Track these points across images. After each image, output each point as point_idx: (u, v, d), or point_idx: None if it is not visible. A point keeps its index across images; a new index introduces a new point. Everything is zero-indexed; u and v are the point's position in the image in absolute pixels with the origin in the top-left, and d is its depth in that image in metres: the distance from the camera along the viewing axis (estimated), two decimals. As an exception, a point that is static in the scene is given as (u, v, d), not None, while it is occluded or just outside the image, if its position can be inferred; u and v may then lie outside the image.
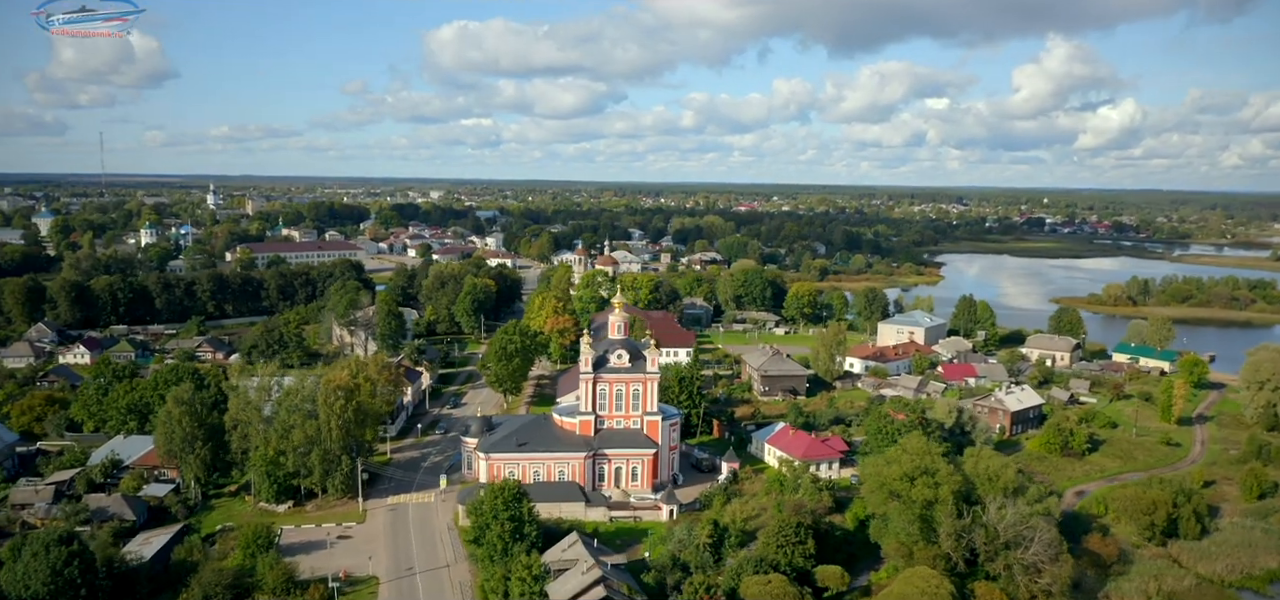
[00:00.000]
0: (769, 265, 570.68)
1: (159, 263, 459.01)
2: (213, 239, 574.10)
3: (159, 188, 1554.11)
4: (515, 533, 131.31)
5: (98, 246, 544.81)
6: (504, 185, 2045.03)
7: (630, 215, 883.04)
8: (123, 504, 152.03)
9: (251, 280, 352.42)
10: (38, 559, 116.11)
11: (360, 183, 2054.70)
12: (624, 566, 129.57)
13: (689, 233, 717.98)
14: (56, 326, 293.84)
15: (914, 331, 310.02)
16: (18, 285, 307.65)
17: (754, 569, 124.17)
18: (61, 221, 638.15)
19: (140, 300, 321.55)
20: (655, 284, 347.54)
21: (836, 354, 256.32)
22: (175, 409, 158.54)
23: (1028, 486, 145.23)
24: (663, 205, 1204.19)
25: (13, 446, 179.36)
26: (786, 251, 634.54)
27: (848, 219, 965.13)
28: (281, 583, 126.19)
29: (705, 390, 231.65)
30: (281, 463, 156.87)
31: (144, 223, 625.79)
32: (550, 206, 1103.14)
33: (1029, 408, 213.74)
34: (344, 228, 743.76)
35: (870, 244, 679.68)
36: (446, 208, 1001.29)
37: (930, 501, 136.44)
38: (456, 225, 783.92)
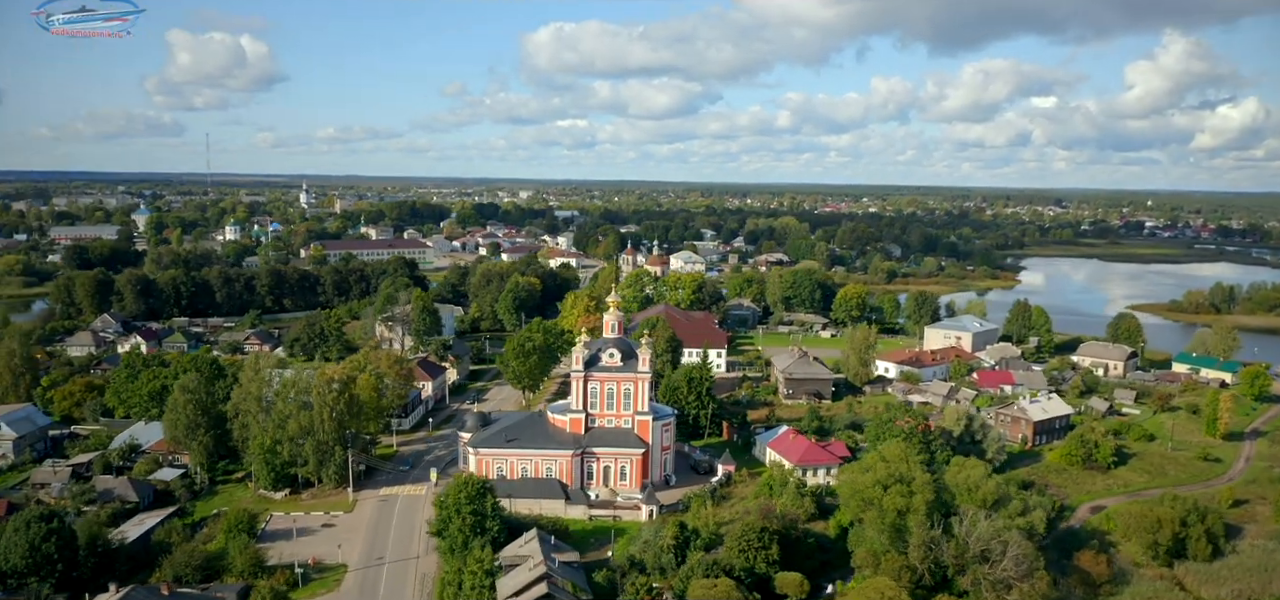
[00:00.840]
0: (837, 267, 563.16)
1: (236, 258, 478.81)
2: (293, 236, 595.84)
3: (262, 187, 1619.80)
4: (476, 527, 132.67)
5: (186, 242, 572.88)
6: (598, 186, 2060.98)
7: (707, 216, 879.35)
8: (128, 487, 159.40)
9: (308, 276, 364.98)
10: (18, 535, 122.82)
11: (457, 183, 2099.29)
12: (579, 565, 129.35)
13: (761, 234, 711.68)
14: (121, 318, 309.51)
15: (961, 337, 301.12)
16: (88, 278, 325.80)
17: (705, 572, 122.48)
18: (156, 219, 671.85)
19: (202, 294, 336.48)
20: (698, 284, 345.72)
21: (866, 358, 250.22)
22: (180, 397, 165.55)
23: (1011, 499, 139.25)
24: (746, 206, 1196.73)
25: (45, 430, 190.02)
26: (858, 253, 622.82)
27: (930, 221, 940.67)
28: (249, 566, 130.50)
29: (723, 392, 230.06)
30: (278, 452, 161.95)
31: (230, 220, 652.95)
32: (633, 207, 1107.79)
33: (1055, 417, 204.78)
34: (423, 226, 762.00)
35: (946, 247, 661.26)
36: (528, 208, 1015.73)
37: (903, 510, 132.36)
38: (532, 225, 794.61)
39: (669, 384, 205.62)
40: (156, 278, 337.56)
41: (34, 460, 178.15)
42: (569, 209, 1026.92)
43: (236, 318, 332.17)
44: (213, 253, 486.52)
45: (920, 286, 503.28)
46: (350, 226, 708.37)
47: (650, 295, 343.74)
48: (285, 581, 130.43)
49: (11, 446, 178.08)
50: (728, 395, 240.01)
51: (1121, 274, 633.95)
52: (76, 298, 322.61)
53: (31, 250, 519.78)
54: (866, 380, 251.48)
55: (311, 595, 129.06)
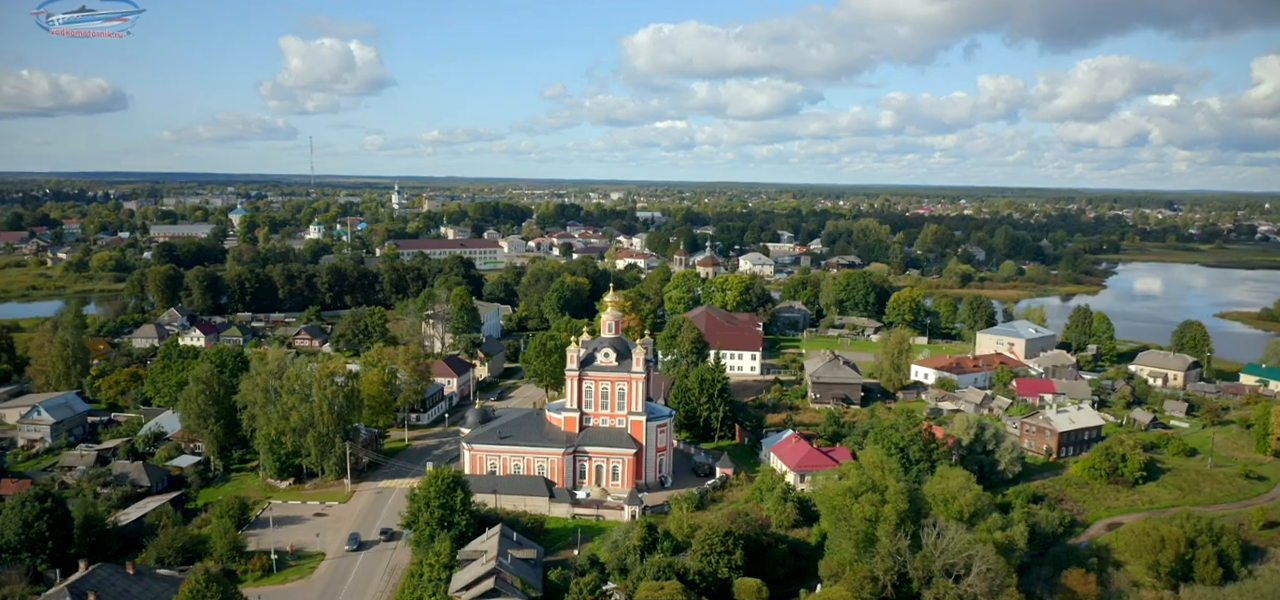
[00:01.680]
0: (911, 270, 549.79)
1: (313, 256, 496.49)
2: (372, 236, 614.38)
3: (362, 188, 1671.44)
4: (443, 521, 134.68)
5: (273, 240, 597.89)
6: (697, 188, 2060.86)
7: (788, 218, 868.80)
8: (142, 471, 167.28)
9: (367, 274, 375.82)
10: (13, 512, 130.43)
11: (555, 184, 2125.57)
12: (536, 562, 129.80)
13: (839, 236, 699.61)
14: (188, 312, 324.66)
15: (1014, 343, 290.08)
16: (159, 273, 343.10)
17: (657, 574, 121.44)
18: (249, 218, 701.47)
19: (265, 290, 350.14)
20: (746, 286, 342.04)
21: (899, 363, 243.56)
22: (193, 387, 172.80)
23: (990, 512, 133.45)
24: (834, 208, 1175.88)
25: (84, 415, 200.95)
26: (937, 257, 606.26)
27: (1023, 224, 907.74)
28: (227, 551, 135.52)
29: (749, 394, 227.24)
30: (282, 442, 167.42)
31: (316, 219, 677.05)
32: (719, 209, 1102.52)
33: (1083, 429, 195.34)
34: (503, 226, 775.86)
35: (1030, 250, 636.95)
36: (612, 209, 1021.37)
37: (873, 519, 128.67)
38: (609, 226, 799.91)
39: (681, 385, 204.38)
40: (223, 274, 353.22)
41: (69, 444, 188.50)
42: (653, 211, 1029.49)
43: (297, 313, 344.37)
44: (291, 250, 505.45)
45: (996, 291, 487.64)
46: (431, 226, 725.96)
47: (698, 296, 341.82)
48: (261, 567, 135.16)
49: (50, 431, 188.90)
50: (753, 398, 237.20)
51: (1221, 280, 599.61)
52: (148, 292, 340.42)
53: (130, 247, 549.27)
54: (900, 386, 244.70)
55: (283, 581, 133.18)
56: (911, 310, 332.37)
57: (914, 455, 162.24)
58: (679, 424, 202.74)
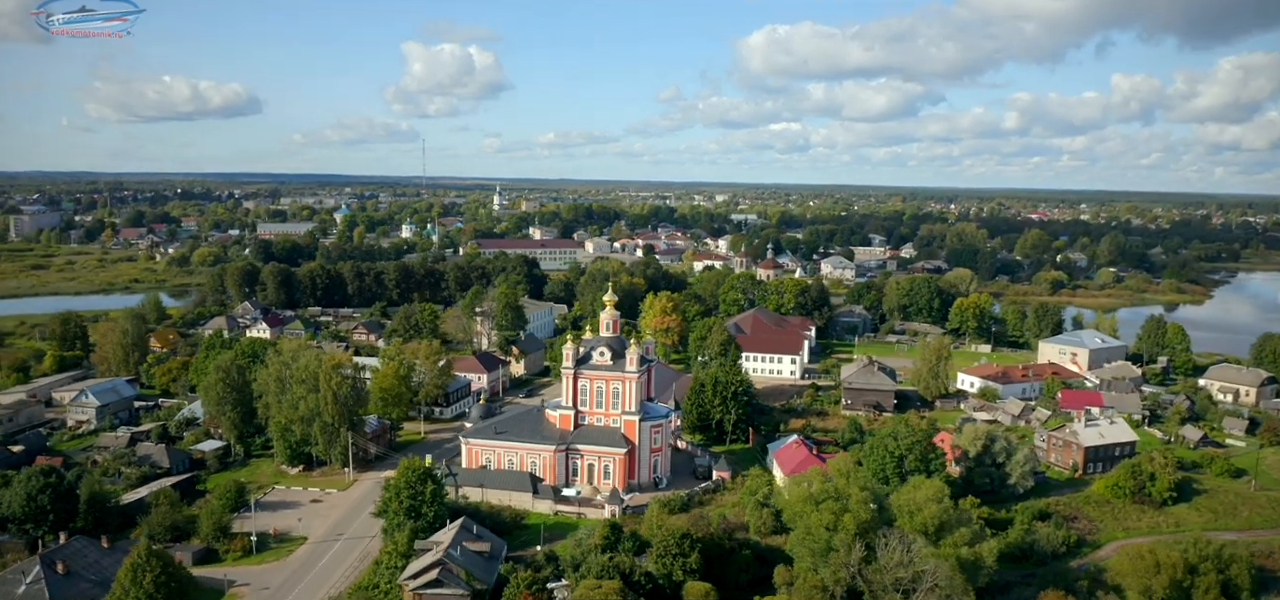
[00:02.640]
0: (1001, 276, 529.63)
1: (397, 254, 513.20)
2: (460, 235, 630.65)
3: (472, 190, 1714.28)
4: (411, 511, 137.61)
5: (369, 239, 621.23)
6: (811, 190, 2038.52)
7: (882, 221, 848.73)
8: (164, 454, 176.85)
9: (434, 271, 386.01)
10: (19, 486, 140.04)
11: (667, 187, 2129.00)
12: (491, 555, 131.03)
13: (933, 240, 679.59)
14: (261, 305, 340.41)
15: (1077, 353, 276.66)
16: (236, 269, 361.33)
17: (601, 572, 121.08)
18: (350, 218, 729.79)
19: (335, 285, 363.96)
20: (802, 289, 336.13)
21: (938, 370, 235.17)
22: (214, 375, 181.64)
23: (958, 526, 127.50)
24: (941, 212, 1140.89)
25: (130, 400, 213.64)
26: (1034, 263, 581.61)
27: (1138, 230, 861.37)
28: (213, 531, 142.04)
29: (781, 399, 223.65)
30: (292, 431, 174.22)
31: (410, 219, 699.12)
32: (823, 211, 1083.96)
33: (1113, 444, 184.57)
34: (593, 227, 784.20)
35: (1133, 256, 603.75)
36: (708, 212, 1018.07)
37: (831, 528, 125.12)
38: (700, 228, 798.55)
39: (694, 386, 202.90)
40: (296, 270, 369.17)
41: (112, 427, 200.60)
42: (750, 214, 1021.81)
43: (366, 308, 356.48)
44: (376, 248, 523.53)
45: (1090, 299, 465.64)
46: (522, 227, 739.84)
47: (753, 298, 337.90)
48: (241, 547, 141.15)
49: (95, 413, 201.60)
50: (783, 403, 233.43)
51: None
52: (227, 286, 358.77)
53: (235, 244, 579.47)
54: (938, 394, 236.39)
55: (259, 562, 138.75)
56: (976, 317, 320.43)
57: (910, 465, 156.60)
58: (692, 425, 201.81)
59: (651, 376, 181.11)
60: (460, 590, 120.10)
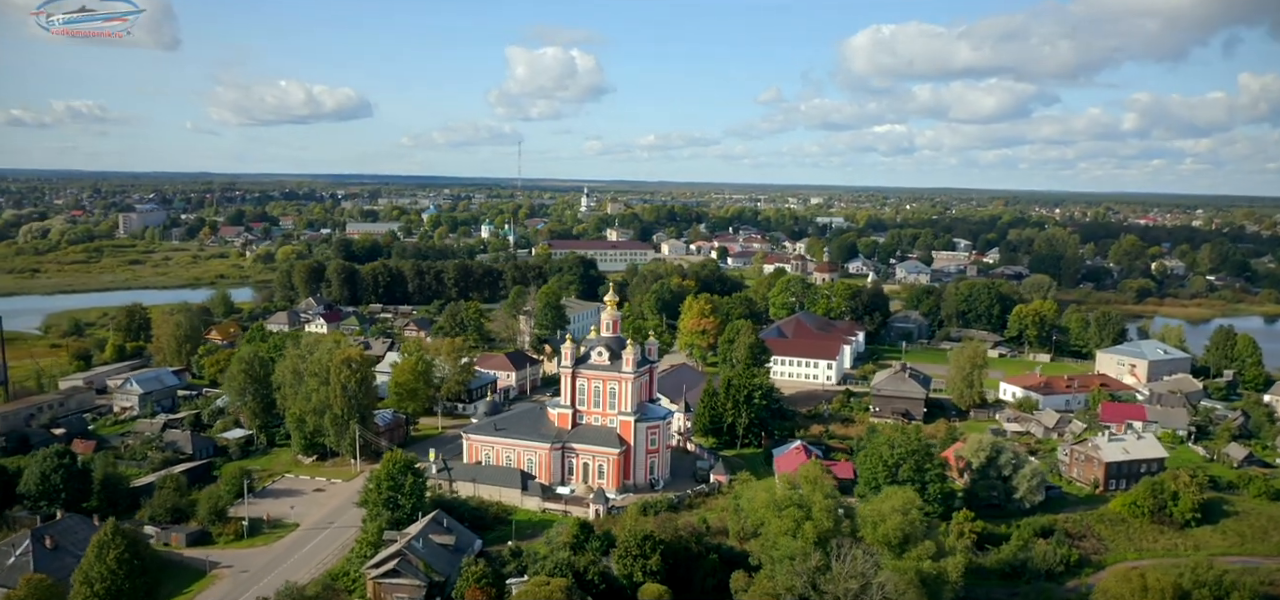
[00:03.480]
0: (1085, 283, 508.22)
1: (469, 253, 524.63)
2: (536, 236, 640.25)
3: (566, 191, 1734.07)
4: (388, 502, 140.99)
5: (450, 239, 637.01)
6: (916, 194, 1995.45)
7: (970, 225, 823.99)
8: (188, 440, 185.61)
9: (492, 270, 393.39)
10: (35, 466, 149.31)
11: (766, 189, 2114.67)
12: (455, 548, 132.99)
13: (1020, 245, 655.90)
14: (325, 301, 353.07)
15: (1136, 365, 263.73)
16: (303, 266, 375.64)
17: (552, 570, 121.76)
18: (434, 218, 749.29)
19: (396, 283, 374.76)
20: (853, 293, 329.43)
21: (972, 378, 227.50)
22: (236, 366, 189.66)
23: (922, 539, 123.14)
24: (1041, 216, 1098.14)
25: (173, 388, 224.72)
26: (1125, 270, 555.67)
27: (1250, 237, 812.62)
28: (209, 514, 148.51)
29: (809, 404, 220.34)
30: (305, 422, 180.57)
31: (488, 219, 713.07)
32: (919, 215, 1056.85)
33: (1139, 460, 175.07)
34: (671, 229, 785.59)
35: (1234, 264, 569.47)
36: (792, 214, 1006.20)
37: (791, 534, 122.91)
38: (777, 232, 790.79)
39: (707, 389, 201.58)
40: (359, 267, 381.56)
41: (153, 413, 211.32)
42: (839, 217, 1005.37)
43: (424, 306, 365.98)
44: (450, 247, 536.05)
45: (1179, 309, 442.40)
46: (602, 228, 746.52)
47: (802, 302, 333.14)
48: (234, 532, 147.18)
49: (137, 401, 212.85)
50: (808, 409, 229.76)
51: None
52: (294, 282, 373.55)
53: (323, 243, 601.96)
54: (972, 403, 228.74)
55: (248, 546, 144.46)
56: (1036, 325, 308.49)
57: (904, 474, 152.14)
58: (703, 428, 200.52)
59: (653, 378, 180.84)
60: (417, 581, 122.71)
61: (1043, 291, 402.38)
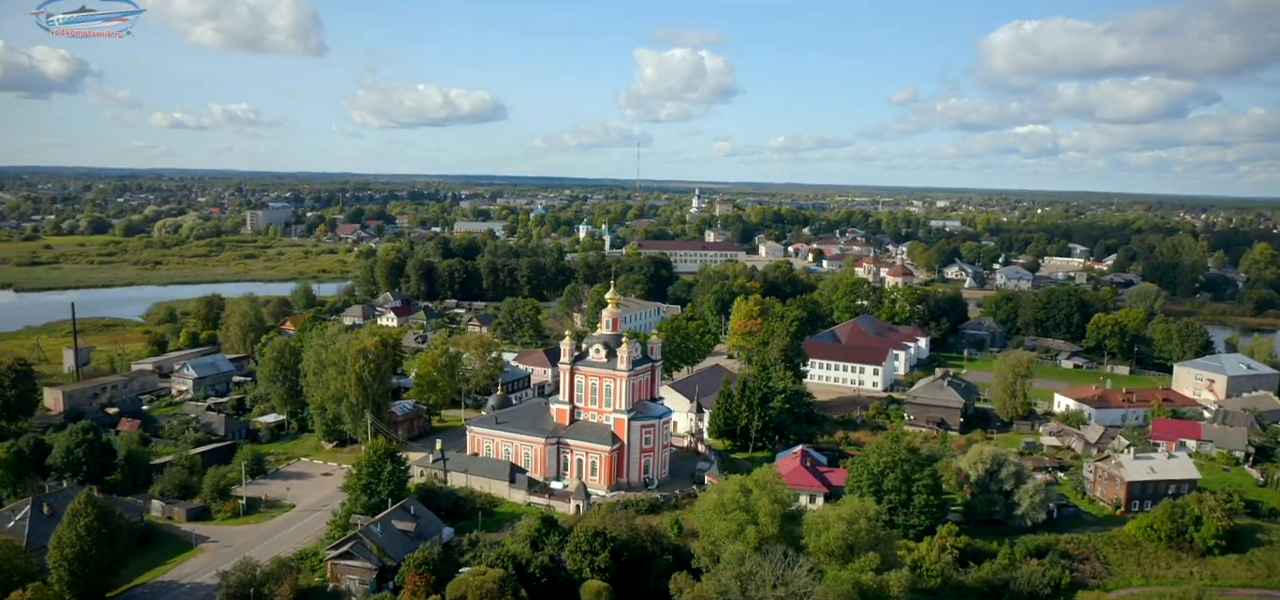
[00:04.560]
0: (1201, 294, 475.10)
1: (559, 253, 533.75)
2: (631, 236, 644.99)
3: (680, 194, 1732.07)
4: (366, 488, 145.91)
5: (551, 237, 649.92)
6: (1052, 197, 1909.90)
7: (1086, 230, 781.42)
8: (221, 423, 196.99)
9: (564, 269, 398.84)
10: (63, 441, 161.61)
11: (898, 192, 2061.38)
12: (413, 535, 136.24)
13: (1139, 251, 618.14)
14: (403, 296, 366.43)
15: (1214, 380, 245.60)
16: (385, 262, 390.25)
17: (494, 561, 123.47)
18: (539, 218, 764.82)
19: (471, 279, 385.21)
20: (919, 298, 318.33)
21: (1015, 388, 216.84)
22: (268, 355, 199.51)
23: (867, 550, 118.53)
24: (1177, 222, 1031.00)
25: (228, 375, 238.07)
26: (1250, 280, 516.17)
27: None
28: (211, 492, 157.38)
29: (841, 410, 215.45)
30: (326, 409, 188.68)
31: (586, 220, 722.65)
32: (1042, 220, 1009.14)
33: (1166, 481, 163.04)
34: (777, 230, 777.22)
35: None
36: (905, 217, 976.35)
37: (733, 536, 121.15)
38: (882, 235, 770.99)
39: (724, 391, 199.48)
40: (437, 264, 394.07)
41: (204, 397, 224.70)
42: (955, 221, 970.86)
43: (497, 301, 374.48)
44: (541, 247, 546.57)
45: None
46: (704, 230, 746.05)
47: (865, 305, 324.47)
48: (231, 509, 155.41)
49: (192, 385, 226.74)
50: (842, 415, 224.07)
51: None
52: (376, 278, 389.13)
53: (430, 240, 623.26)
54: (1015, 414, 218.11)
55: (242, 524, 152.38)
56: (1115, 334, 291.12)
57: (889, 485, 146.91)
58: (718, 430, 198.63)
59: (655, 376, 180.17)
60: (369, 563, 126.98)
61: (1149, 300, 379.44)
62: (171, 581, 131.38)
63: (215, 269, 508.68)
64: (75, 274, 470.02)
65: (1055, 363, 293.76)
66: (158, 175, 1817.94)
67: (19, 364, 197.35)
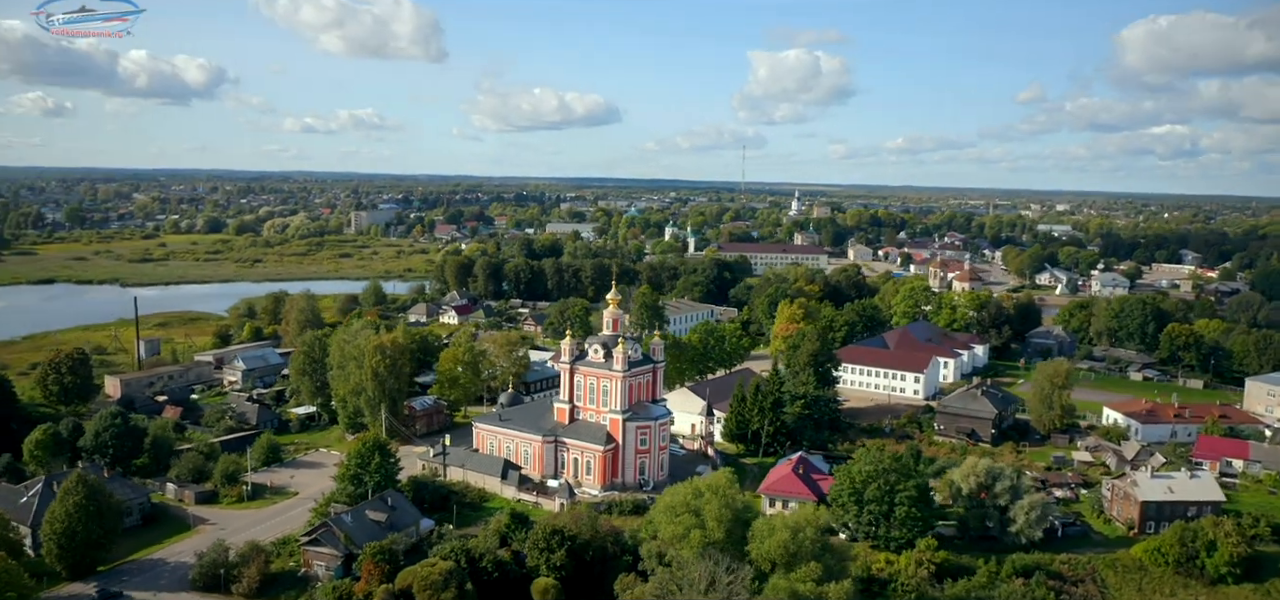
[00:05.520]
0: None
1: (638, 254, 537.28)
2: (718, 238, 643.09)
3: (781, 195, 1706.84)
4: (353, 478, 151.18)
5: (639, 240, 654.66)
6: (1198, 201, 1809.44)
7: (1206, 238, 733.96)
8: (253, 412, 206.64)
9: (628, 270, 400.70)
10: (93, 424, 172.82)
11: (1024, 195, 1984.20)
12: (384, 525, 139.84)
13: (1255, 259, 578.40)
14: (470, 295, 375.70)
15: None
16: (454, 263, 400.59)
17: (448, 554, 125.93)
18: (630, 219, 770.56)
19: (536, 279, 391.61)
20: (981, 304, 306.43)
21: (1052, 400, 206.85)
22: (298, 349, 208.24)
23: (810, 560, 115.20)
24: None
25: (277, 367, 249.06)
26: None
27: None
28: (221, 478, 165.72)
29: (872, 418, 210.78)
30: (347, 402, 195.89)
31: (672, 222, 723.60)
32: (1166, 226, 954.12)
33: (1185, 502, 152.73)
34: (873, 234, 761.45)
35: None
36: (1010, 221, 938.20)
37: (679, 540, 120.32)
38: (980, 239, 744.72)
39: (737, 394, 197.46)
40: (505, 264, 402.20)
41: (252, 388, 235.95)
42: (1066, 225, 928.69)
43: (558, 301, 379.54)
44: (619, 249, 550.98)
45: None
46: (792, 233, 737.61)
47: (926, 312, 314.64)
48: (238, 494, 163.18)
49: (241, 376, 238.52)
50: (870, 423, 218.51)
51: None
52: (446, 277, 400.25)
53: (515, 241, 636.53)
54: (1053, 427, 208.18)
55: (243, 508, 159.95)
56: (1190, 346, 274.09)
57: (870, 495, 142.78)
58: (731, 434, 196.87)
59: (657, 377, 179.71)
60: (335, 550, 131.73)
61: (1251, 310, 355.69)
62: (160, 559, 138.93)
63: (309, 267, 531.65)
64: (178, 270, 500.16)
65: (1124, 375, 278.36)
66: (286, 178, 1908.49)
67: (77, 353, 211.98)
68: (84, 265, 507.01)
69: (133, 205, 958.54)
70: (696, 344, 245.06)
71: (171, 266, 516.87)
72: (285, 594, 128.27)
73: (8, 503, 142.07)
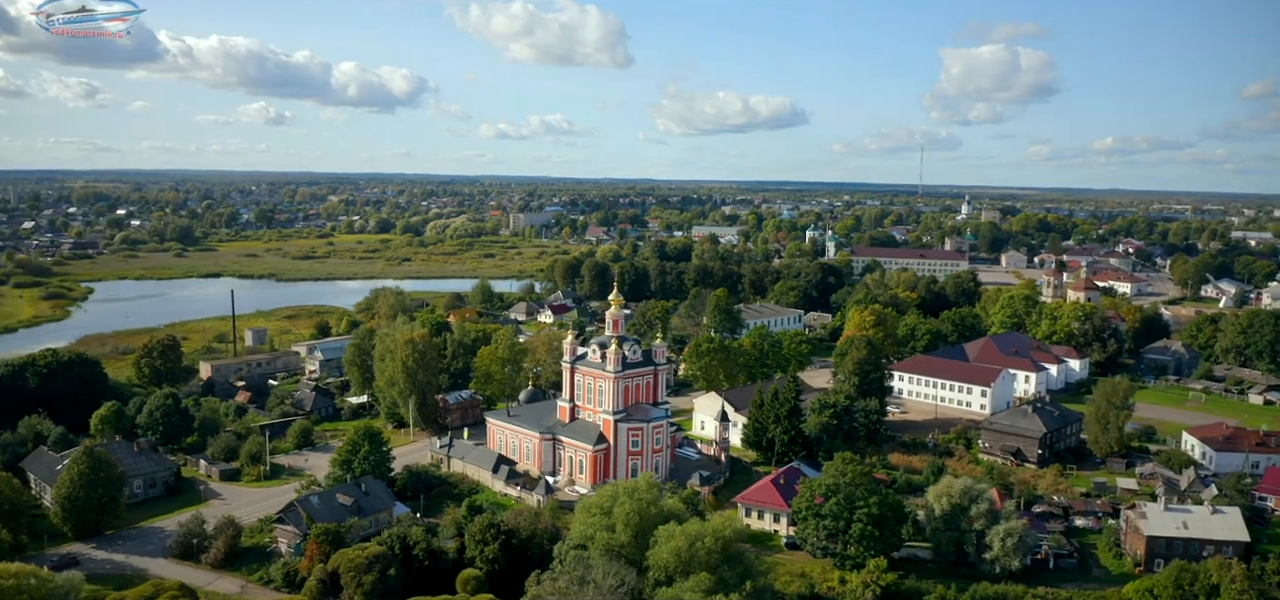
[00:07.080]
0: None
1: (764, 257, 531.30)
2: (858, 241, 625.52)
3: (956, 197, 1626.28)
4: (345, 465, 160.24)
5: (777, 241, 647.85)
6: None
7: None
8: (310, 399, 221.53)
9: (731, 272, 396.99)
10: (148, 404, 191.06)
11: (1252, 200, 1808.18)
12: (350, 507, 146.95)
13: None
14: (575, 295, 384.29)
15: None
16: (563, 263, 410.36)
17: (382, 540, 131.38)
18: (776, 224, 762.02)
19: (640, 280, 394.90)
20: (1085, 315, 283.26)
21: (1109, 421, 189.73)
22: (353, 340, 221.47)
23: (703, 570, 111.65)
24: None
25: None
26: None
27: None
28: (248, 457, 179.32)
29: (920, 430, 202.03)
30: (385, 394, 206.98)
31: (815, 224, 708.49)
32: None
33: (1200, 540, 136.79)
34: (1036, 239, 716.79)
35: None
36: (1217, 230, 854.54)
37: (586, 542, 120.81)
38: (1153, 248, 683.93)
39: (755, 402, 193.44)
40: (610, 265, 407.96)
41: (328, 378, 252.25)
42: (1263, 233, 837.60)
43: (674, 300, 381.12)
44: (747, 253, 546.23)
45: None
46: (944, 237, 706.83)
47: (1022, 321, 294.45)
48: (258, 475, 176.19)
49: (320, 366, 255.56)
50: (913, 437, 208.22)
51: None
52: (555, 278, 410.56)
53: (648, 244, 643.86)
54: (1109, 449, 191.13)
55: (261, 485, 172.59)
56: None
57: (828, 509, 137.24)
58: (748, 441, 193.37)
59: (659, 380, 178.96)
60: (297, 529, 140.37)
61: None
62: (160, 528, 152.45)
63: (453, 266, 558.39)
64: (329, 267, 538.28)
65: (1243, 397, 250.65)
66: (476, 182, 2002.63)
67: (168, 339, 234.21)
68: (252, 261, 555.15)
69: (322, 207, 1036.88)
70: (750, 349, 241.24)
71: (329, 264, 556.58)
72: (247, 565, 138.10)
73: (48, 469, 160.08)
